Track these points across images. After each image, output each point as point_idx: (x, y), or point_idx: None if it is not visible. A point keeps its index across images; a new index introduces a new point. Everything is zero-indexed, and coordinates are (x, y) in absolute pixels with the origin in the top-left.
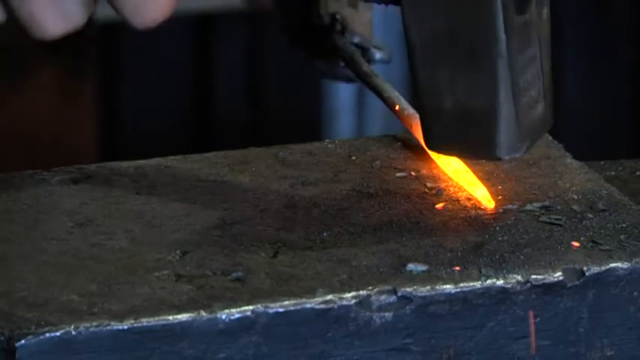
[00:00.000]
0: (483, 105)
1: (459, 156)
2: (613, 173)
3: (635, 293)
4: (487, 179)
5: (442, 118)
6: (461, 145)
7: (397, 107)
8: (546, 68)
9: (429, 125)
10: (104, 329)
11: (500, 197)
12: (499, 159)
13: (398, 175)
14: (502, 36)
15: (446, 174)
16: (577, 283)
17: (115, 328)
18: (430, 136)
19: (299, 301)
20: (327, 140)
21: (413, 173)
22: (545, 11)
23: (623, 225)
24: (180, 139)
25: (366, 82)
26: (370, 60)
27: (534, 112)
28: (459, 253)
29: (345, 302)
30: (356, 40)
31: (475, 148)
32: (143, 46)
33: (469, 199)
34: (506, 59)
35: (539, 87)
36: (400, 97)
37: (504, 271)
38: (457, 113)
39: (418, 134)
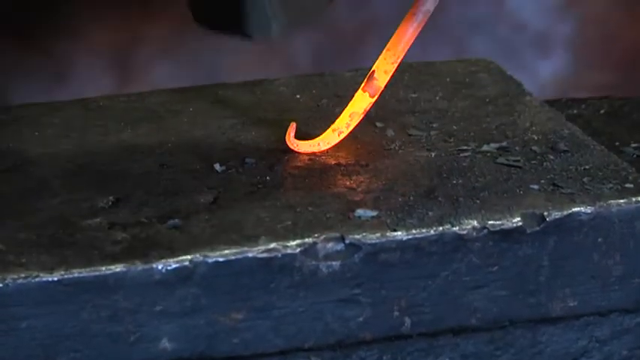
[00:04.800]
0: None
1: (211, 28)
2: (576, 112)
3: (599, 239)
4: (441, 118)
5: None
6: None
7: None
8: None
9: None
10: (33, 281)
11: (454, 138)
12: (249, 36)
13: None
14: None
15: (395, 113)
16: (537, 229)
17: (44, 279)
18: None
19: (240, 249)
20: (271, 78)
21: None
22: None
23: (586, 167)
24: None
25: None
26: None
27: None
28: (411, 198)
29: (289, 250)
30: None
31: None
32: None
33: (419, 140)
34: None
35: None
36: None
37: (459, 217)
38: None
39: None
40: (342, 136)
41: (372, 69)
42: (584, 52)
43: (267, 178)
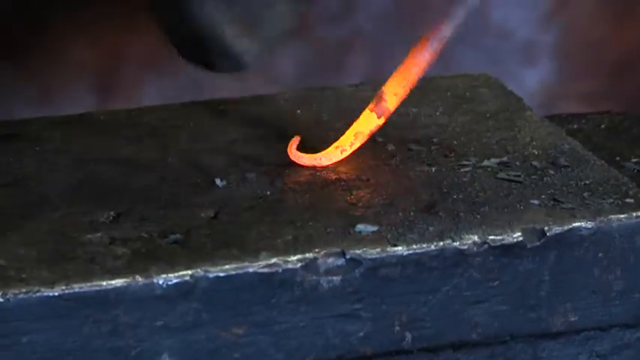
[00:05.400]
0: None
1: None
2: (576, 126)
3: (600, 254)
4: (441, 133)
5: None
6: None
7: None
8: None
9: None
10: (34, 296)
11: (454, 153)
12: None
13: None
14: None
15: (396, 128)
16: (537, 243)
17: (45, 294)
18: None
19: (241, 264)
20: (273, 93)
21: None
22: None
23: (587, 182)
24: None
25: None
26: None
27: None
28: (412, 213)
29: (290, 265)
30: None
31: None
32: None
33: (420, 154)
34: None
35: None
36: None
37: (460, 232)
38: None
39: None
40: (345, 154)
41: (382, 89)
42: (570, 60)
43: (268, 192)
